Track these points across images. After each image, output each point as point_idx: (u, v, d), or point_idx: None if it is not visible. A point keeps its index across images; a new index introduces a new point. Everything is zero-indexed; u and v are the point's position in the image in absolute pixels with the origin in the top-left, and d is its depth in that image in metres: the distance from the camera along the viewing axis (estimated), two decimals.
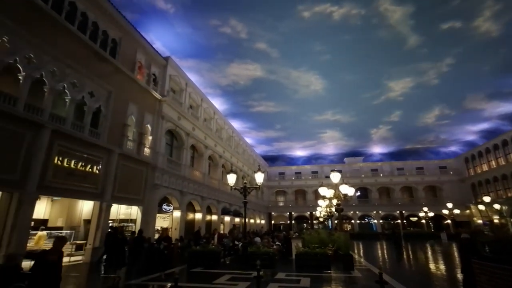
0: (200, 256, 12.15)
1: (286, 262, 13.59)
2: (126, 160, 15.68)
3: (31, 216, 10.74)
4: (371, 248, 23.48)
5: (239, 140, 37.44)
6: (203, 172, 24.88)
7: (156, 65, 19.61)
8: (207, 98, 28.26)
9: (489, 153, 38.56)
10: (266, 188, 48.44)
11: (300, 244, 14.62)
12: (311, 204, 46.70)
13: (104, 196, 13.96)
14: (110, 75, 15.01)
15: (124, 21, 16.23)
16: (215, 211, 26.83)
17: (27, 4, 10.75)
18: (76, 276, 10.09)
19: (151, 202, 17.33)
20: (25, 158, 10.29)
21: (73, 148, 12.49)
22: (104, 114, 14.64)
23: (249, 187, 13.20)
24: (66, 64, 12.38)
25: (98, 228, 13.58)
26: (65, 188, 12.04)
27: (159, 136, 18.87)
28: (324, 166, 51.50)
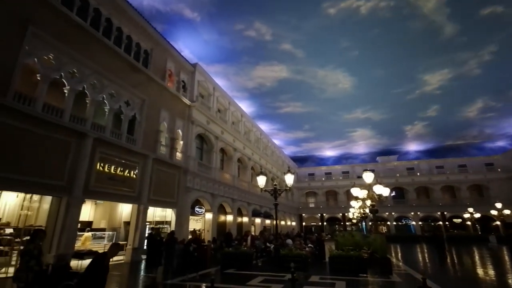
0: (233, 257, 12.30)
1: (319, 265, 13.30)
2: (160, 165, 16.38)
3: (78, 219, 11.61)
4: (410, 252, 22.21)
5: (267, 142, 37.46)
6: (232, 174, 25.24)
7: (185, 72, 20.32)
8: (235, 102, 28.67)
9: None
10: (296, 190, 47.92)
11: (333, 246, 14.23)
12: (343, 205, 45.33)
13: (141, 199, 14.70)
14: (143, 84, 15.82)
15: (154, 32, 17.04)
16: (246, 213, 27.05)
17: (68, 22, 11.69)
18: (118, 275, 10.70)
19: (184, 204, 17.91)
20: (72, 165, 11.16)
21: (113, 154, 13.31)
22: (139, 121, 15.45)
23: (279, 189, 13.14)
24: (105, 76, 13.26)
25: (137, 230, 14.31)
26: (106, 192, 12.86)
27: (189, 141, 19.49)
28: (356, 165, 49.78)
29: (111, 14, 14.10)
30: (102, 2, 13.54)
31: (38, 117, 10.05)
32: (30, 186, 9.86)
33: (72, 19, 11.75)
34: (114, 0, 14.20)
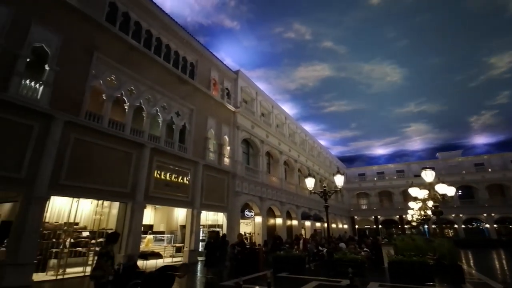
0: (285, 261, 12.22)
1: (377, 270, 12.50)
2: (209, 170, 17.12)
3: (141, 222, 12.70)
4: (484, 258, 19.64)
5: (313, 143, 36.68)
6: (279, 177, 25.22)
7: (228, 80, 21.03)
8: (278, 105, 28.72)
9: None
10: (345, 191, 45.92)
11: (391, 251, 13.26)
12: (399, 206, 42.04)
13: (194, 203, 15.51)
14: (191, 95, 16.78)
15: (198, 45, 18.01)
16: (295, 216, 26.74)
17: (125, 45, 12.97)
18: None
19: (234, 208, 18.41)
20: (134, 173, 12.29)
21: (167, 162, 14.32)
22: (188, 130, 16.39)
23: (329, 191, 12.73)
24: (157, 91, 14.40)
25: (192, 233, 15.12)
26: (163, 198, 13.87)
27: (236, 146, 20.03)
28: (412, 163, 45.88)
29: (160, 33, 15.31)
30: (152, 23, 14.78)
31: (105, 132, 11.31)
32: (101, 194, 11.11)
33: (129, 42, 13.03)
34: (163, 20, 15.41)
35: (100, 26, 11.85)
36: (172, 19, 16.00)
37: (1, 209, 11.79)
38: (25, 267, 8.33)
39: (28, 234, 8.51)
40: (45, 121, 9.43)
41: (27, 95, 9.19)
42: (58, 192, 9.71)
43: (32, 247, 8.62)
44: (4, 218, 11.52)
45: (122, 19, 13.26)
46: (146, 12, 14.50)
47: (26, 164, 8.81)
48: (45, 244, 10.04)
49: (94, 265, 5.60)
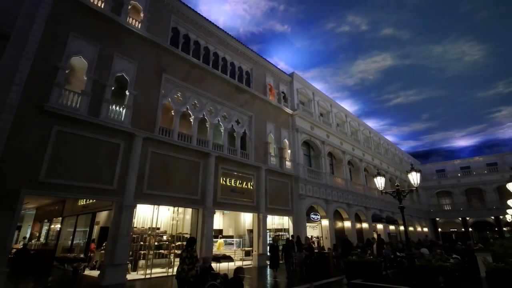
0: (358, 267, 11.47)
1: (472, 281, 10.80)
2: (272, 175, 17.29)
3: (212, 227, 13.48)
4: None
5: (378, 139, 34.02)
6: (344, 178, 24.02)
7: (283, 83, 21.08)
8: (336, 103, 27.58)
9: None
10: (422, 190, 41.14)
11: (489, 258, 11.29)
12: (494, 206, 35.77)
13: (259, 208, 15.82)
14: (248, 102, 17.32)
15: (252, 53, 18.54)
16: (364, 219, 25.05)
17: (187, 63, 14.14)
18: (248, 278, 11.73)
19: (299, 212, 18.17)
20: (202, 181, 13.19)
21: (231, 169, 14.98)
22: (249, 137, 16.90)
23: (403, 190, 11.58)
24: (217, 102, 15.27)
25: (259, 237, 15.42)
26: (230, 203, 14.52)
27: (296, 148, 19.84)
28: (506, 154, 38.68)
29: (217, 48, 16.26)
30: (209, 40, 15.82)
31: (176, 144, 12.44)
32: (176, 201, 12.22)
33: (190, 60, 14.17)
34: (218, 36, 16.36)
35: (166, 50, 13.18)
36: (226, 33, 16.86)
37: (100, 217, 13.91)
38: (120, 267, 9.64)
39: (121, 237, 9.82)
40: (128, 139, 10.85)
41: (114, 118, 10.72)
42: (142, 200, 11.01)
43: (125, 249, 9.92)
44: (102, 224, 13.58)
45: (183, 41, 14.54)
46: (203, 30, 15.60)
47: (117, 177, 10.25)
48: (134, 246, 11.43)
49: (186, 266, 6.14)
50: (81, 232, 14.82)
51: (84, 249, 13.54)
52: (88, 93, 10.15)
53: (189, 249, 6.42)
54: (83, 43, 10.46)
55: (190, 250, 6.39)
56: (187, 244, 6.64)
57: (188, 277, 6.06)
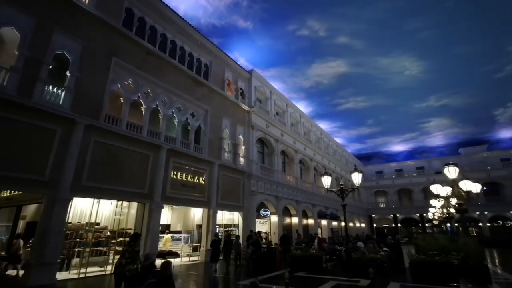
0: (302, 260, 12.12)
1: (397, 270, 12.14)
2: (225, 170, 17.24)
3: (159, 222, 12.97)
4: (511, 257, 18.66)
5: (328, 141, 36.14)
6: (295, 176, 25.04)
7: (242, 80, 21.07)
8: (292, 103, 28.49)
9: None
10: (363, 189, 45.00)
11: (412, 250, 12.84)
12: (419, 204, 40.74)
13: (210, 203, 15.68)
14: (205, 96, 16.95)
15: (212, 46, 18.14)
16: (311, 215, 26.49)
17: (141, 49, 13.26)
18: (194, 274, 11.58)
19: (250, 208, 18.46)
20: (151, 174, 12.57)
21: (183, 163, 14.55)
22: (203, 131, 16.57)
23: (346, 189, 12.50)
24: (173, 93, 14.64)
25: (208, 232, 15.29)
26: (180, 198, 14.11)
27: (251, 145, 20.05)
28: (432, 160, 44.28)
29: (175, 36, 15.54)
30: (167, 27, 15.03)
31: (124, 134, 11.62)
32: (121, 195, 11.45)
33: (145, 46, 13.31)
34: (177, 23, 15.63)
35: (117, 32, 12.17)
36: (186, 22, 16.20)
37: (27, 210, 12.39)
38: (50, 266, 8.71)
39: (52, 234, 8.88)
40: (67, 125, 9.80)
41: (50, 100, 9.57)
42: (80, 193, 10.07)
43: (56, 247, 8.99)
44: (29, 219, 12.11)
45: (138, 24, 13.58)
46: (161, 16, 14.76)
47: (50, 167, 9.19)
48: (68, 243, 10.44)
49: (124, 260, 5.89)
50: (3, 227, 13.07)
51: (6, 246, 11.95)
52: (19, 69, 8.89)
53: (132, 243, 6.24)
54: (16, 13, 9.11)
55: (133, 245, 6.21)
56: (130, 239, 6.45)
57: (125, 271, 5.79)
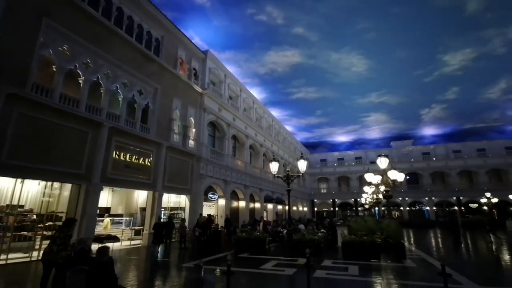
0: (246, 242, 12.57)
1: (332, 250, 13.43)
2: (173, 152, 16.67)
3: (97, 205, 12.09)
4: (424, 237, 22.05)
5: (279, 128, 37.29)
6: (245, 161, 25.43)
7: (196, 60, 20.22)
8: (246, 88, 28.46)
9: None
10: (308, 175, 47.93)
11: (345, 231, 14.30)
12: (355, 190, 45.12)
13: (156, 186, 15.10)
14: (155, 73, 15.90)
15: (165, 20, 16.91)
16: (258, 199, 27.41)
17: (81, 13, 11.74)
18: (135, 258, 11.20)
19: (198, 191, 18.30)
20: (89, 154, 11.54)
21: (128, 143, 13.64)
22: (152, 110, 15.65)
23: (292, 175, 13.16)
24: (118, 66, 13.39)
25: (153, 215, 14.80)
26: (123, 180, 13.29)
27: (202, 128, 19.64)
28: (369, 151, 49.00)
29: (122, 3, 14.06)
30: None
31: (56, 108, 10.33)
32: (50, 175, 10.30)
33: (84, 9, 11.79)
34: None
35: None
36: None
37: None
38: None
39: None
40: None
41: None
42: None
43: None
44: None
45: None
46: None
47: None
48: None
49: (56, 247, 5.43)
50: None
51: None
52: None
53: (64, 229, 5.77)
54: None
55: (65, 230, 5.74)
56: (63, 224, 5.98)
57: (57, 258, 5.34)
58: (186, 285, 7.29)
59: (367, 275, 8.16)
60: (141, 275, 8.40)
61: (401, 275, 8.46)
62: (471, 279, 7.62)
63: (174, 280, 7.87)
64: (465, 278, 7.70)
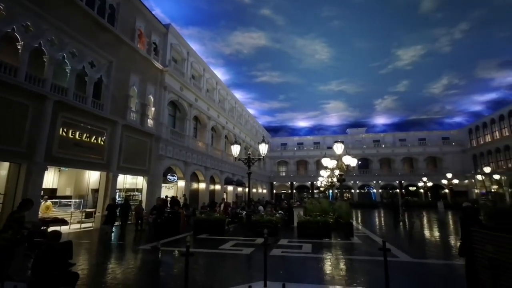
0: (205, 224, 12.65)
1: (288, 229, 14.16)
2: (130, 131, 15.76)
3: (41, 186, 11.11)
4: (369, 217, 24.29)
5: (242, 111, 37.20)
6: (206, 143, 25.07)
7: (156, 33, 18.91)
8: (210, 68, 27.60)
9: (494, 124, 38.16)
10: (268, 159, 49.05)
11: (301, 212, 15.10)
12: (312, 174, 47.52)
13: (110, 166, 14.26)
14: (110, 45, 14.57)
15: None
16: (218, 181, 27.47)
17: None
18: (87, 242, 10.66)
19: (157, 172, 17.71)
20: (31, 130, 10.38)
21: (77, 119, 12.53)
22: (106, 85, 14.45)
23: (253, 158, 13.35)
24: (65, 33, 11.97)
25: (106, 197, 14.05)
26: (72, 159, 12.28)
27: (162, 107, 18.76)
28: (327, 137, 51.56)
29: None
30: None
31: None
32: None
33: None
34: None
35: None
36: None
37: None
38: None
39: None
40: None
41: None
42: None
43: None
44: None
45: None
46: None
47: None
48: None
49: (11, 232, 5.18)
50: None
51: None
52: None
53: (14, 211, 5.54)
54: None
55: (15, 213, 5.47)
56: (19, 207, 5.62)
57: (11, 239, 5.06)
58: (142, 268, 7.17)
59: (318, 252, 8.81)
60: (92, 259, 8.05)
61: (348, 250, 9.29)
62: (406, 253, 8.67)
63: (129, 263, 7.67)
64: (402, 252, 8.73)
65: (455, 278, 6.12)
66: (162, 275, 6.54)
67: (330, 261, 7.65)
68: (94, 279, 5.99)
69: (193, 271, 6.27)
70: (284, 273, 6.43)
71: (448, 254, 8.89)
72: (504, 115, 35.82)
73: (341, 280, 5.93)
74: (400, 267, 7.03)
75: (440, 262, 7.85)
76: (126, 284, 5.62)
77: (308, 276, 6.25)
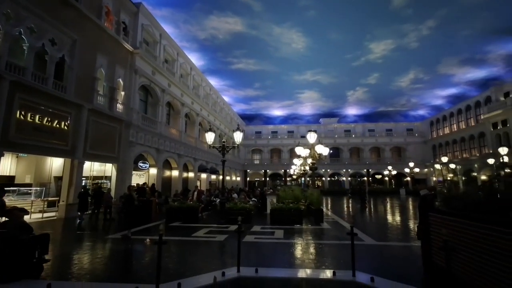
0: (178, 212, 12.52)
1: (261, 216, 14.44)
2: (97, 116, 14.93)
3: None
4: (339, 203, 25.44)
5: (216, 98, 36.62)
6: (180, 130, 24.48)
7: (126, 13, 17.79)
8: (184, 53, 26.65)
9: (452, 117, 41.22)
10: (242, 147, 49.10)
11: (274, 200, 15.43)
12: (286, 162, 48.47)
13: (75, 153, 13.49)
14: (73, 21, 13.48)
15: None
16: (192, 169, 27.12)
17: None
18: (51, 233, 10.12)
19: (127, 159, 17.07)
20: None
21: (37, 102, 11.62)
22: (69, 65, 13.45)
23: (227, 146, 13.30)
24: (22, 6, 10.86)
25: (71, 185, 13.37)
26: (31, 144, 11.44)
27: (132, 92, 17.92)
28: (300, 126, 52.57)
29: None
30: None
31: None
32: None
33: None
34: None
35: None
36: None
37: None
38: None
39: None
40: None
41: None
42: None
43: None
44: None
45: None
46: None
47: None
48: None
49: None
50: None
51: None
52: None
53: None
54: None
55: None
56: None
57: None
58: (111, 257, 6.97)
59: (290, 237, 9.11)
60: (57, 249, 7.68)
61: (318, 235, 9.71)
62: (371, 236, 9.25)
63: (97, 252, 7.42)
64: (367, 235, 9.30)
65: (414, 258, 6.65)
66: (133, 263, 6.42)
67: (301, 246, 7.96)
68: (58, 271, 5.73)
69: (166, 259, 6.22)
70: (257, 258, 6.59)
71: (407, 237, 9.61)
72: (462, 109, 38.75)
73: (310, 263, 6.21)
74: (365, 250, 7.49)
75: (400, 244, 8.48)
76: (94, 274, 5.45)
77: (279, 260, 6.47)
